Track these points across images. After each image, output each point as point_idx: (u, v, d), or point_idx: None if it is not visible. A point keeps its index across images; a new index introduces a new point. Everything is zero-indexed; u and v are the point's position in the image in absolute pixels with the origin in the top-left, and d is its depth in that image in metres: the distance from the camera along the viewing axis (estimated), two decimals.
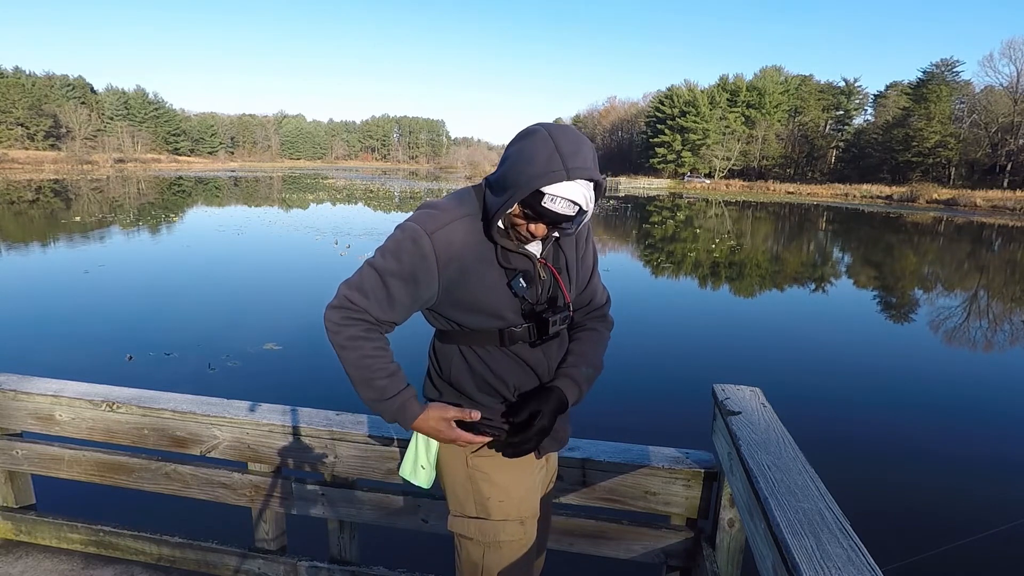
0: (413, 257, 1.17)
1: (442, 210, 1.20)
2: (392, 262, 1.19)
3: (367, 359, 1.20)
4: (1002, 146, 55.02)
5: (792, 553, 0.97)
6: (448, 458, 1.35)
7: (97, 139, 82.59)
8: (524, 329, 1.27)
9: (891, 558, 3.34)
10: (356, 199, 33.42)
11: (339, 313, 1.20)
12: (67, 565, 2.10)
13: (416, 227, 1.17)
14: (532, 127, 1.15)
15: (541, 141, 1.10)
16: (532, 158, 1.09)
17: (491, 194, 1.18)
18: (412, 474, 1.37)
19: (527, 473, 1.35)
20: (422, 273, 1.18)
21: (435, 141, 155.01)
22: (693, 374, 6.44)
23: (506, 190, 1.12)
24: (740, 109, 74.97)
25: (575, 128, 1.16)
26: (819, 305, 11.22)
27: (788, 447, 1.39)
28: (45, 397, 1.99)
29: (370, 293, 1.20)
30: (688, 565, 1.75)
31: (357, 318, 1.20)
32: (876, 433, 5.21)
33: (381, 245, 1.22)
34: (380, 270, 1.19)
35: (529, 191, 1.08)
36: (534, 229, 1.17)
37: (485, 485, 1.30)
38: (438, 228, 1.17)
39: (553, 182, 1.07)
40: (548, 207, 1.10)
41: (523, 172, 1.09)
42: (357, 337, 1.20)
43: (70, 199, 27.63)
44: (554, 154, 1.08)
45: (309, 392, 5.28)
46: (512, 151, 1.14)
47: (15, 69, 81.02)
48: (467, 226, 1.19)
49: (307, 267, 12.17)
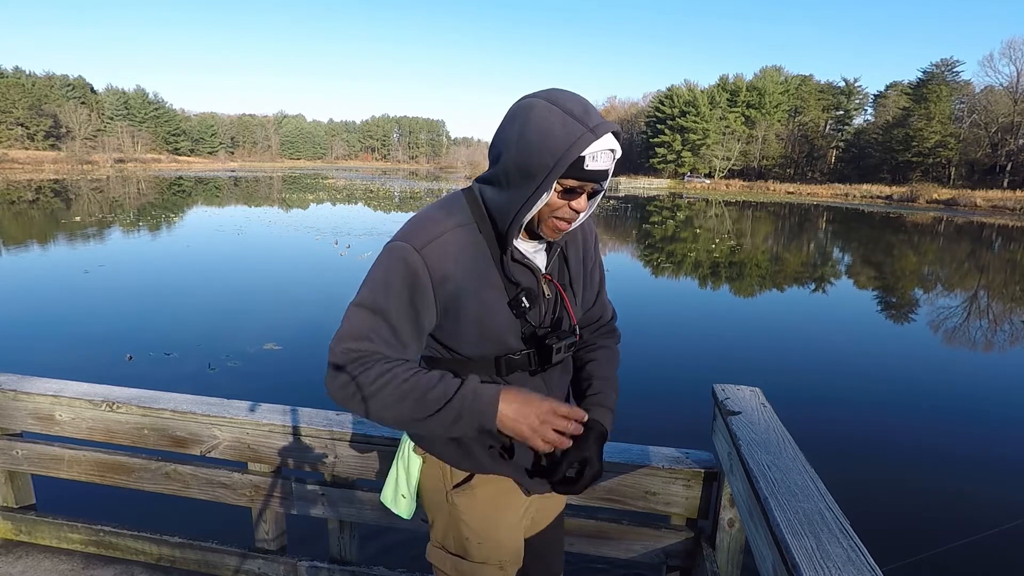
0: (404, 279, 1.02)
1: (430, 221, 1.05)
2: (382, 293, 1.02)
3: (406, 382, 0.99)
4: (1002, 146, 55.02)
5: (792, 553, 0.97)
6: (429, 491, 1.24)
7: (97, 139, 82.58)
8: (524, 356, 1.13)
9: (891, 558, 3.34)
10: (356, 199, 33.41)
11: (344, 371, 1.00)
12: (67, 565, 2.10)
13: (402, 244, 1.02)
14: (524, 102, 1.00)
15: (546, 111, 0.96)
16: (548, 133, 0.95)
17: (502, 191, 1.03)
18: (393, 502, 1.29)
19: (509, 514, 1.24)
20: (418, 296, 1.03)
21: (435, 141, 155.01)
22: (693, 374, 6.44)
23: (531, 178, 0.98)
24: (740, 109, 74.97)
25: (564, 88, 1.02)
26: (819, 305, 11.22)
27: (788, 447, 1.39)
28: (45, 397, 1.99)
29: (371, 335, 1.02)
30: (688, 565, 1.75)
31: (369, 361, 1.01)
32: (876, 433, 5.20)
33: (366, 276, 1.06)
34: (371, 306, 1.02)
35: (568, 163, 0.95)
36: (577, 204, 1.03)
37: (464, 526, 1.20)
38: (428, 242, 1.02)
39: (587, 144, 0.94)
40: (593, 168, 0.97)
41: (546, 150, 0.95)
42: (382, 373, 0.99)
43: (70, 199, 27.62)
44: (568, 119, 0.95)
45: (309, 392, 5.27)
46: (512, 134, 0.99)
47: (15, 69, 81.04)
48: (460, 238, 1.05)
49: (307, 267, 12.17)
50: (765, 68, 77.54)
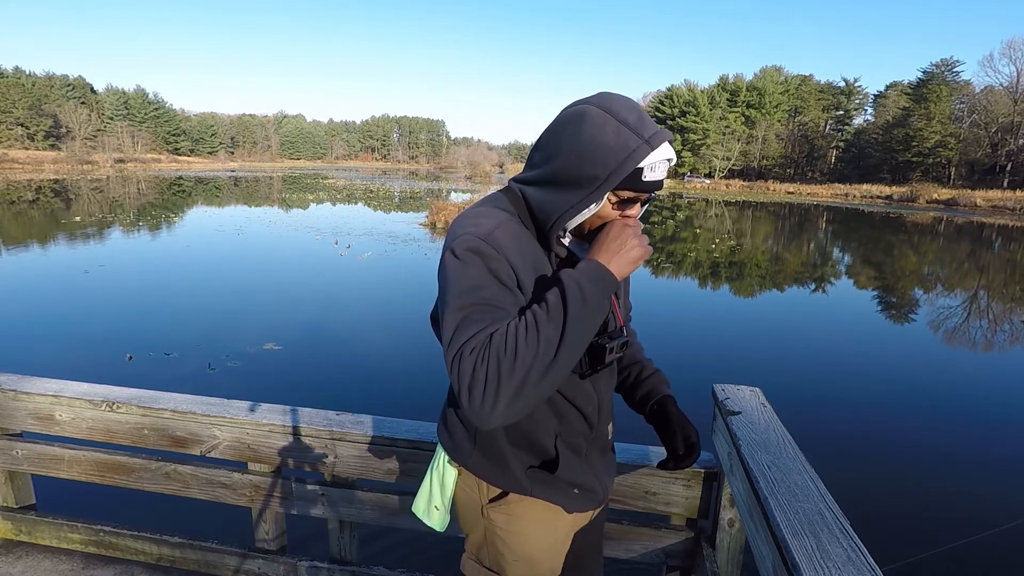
0: (484, 265, 0.96)
1: (481, 215, 1.02)
2: (469, 284, 0.95)
3: (521, 321, 0.91)
4: (1002, 146, 55.03)
5: (792, 553, 0.97)
6: (464, 505, 1.20)
7: (97, 139, 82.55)
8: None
9: (891, 558, 3.34)
10: (356, 199, 33.41)
11: (474, 364, 0.90)
12: (67, 565, 2.10)
13: (467, 236, 0.97)
14: (576, 108, 0.98)
15: (601, 120, 0.94)
16: (601, 144, 0.93)
17: (547, 192, 1.00)
18: (426, 514, 1.26)
19: (549, 534, 1.18)
20: (504, 275, 0.97)
21: (435, 141, 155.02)
22: (693, 374, 6.43)
23: (580, 186, 0.96)
24: (740, 109, 75.02)
25: (617, 93, 1.00)
26: (819, 305, 11.22)
27: (788, 447, 1.39)
28: (45, 397, 1.99)
29: (480, 323, 0.93)
30: (688, 565, 1.75)
31: (484, 339, 0.93)
32: (876, 433, 5.21)
33: (441, 286, 1.00)
34: (469, 301, 0.94)
35: (622, 176, 0.93)
36: (631, 213, 1.02)
37: (500, 542, 1.16)
38: (490, 231, 0.98)
39: (643, 157, 0.93)
40: (651, 179, 0.96)
41: (599, 161, 0.93)
42: (501, 336, 0.90)
43: (70, 199, 27.62)
44: (622, 130, 0.93)
45: (309, 392, 5.28)
46: (564, 142, 0.97)
47: (15, 69, 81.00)
48: (515, 229, 1.02)
49: (307, 267, 12.17)
50: (765, 68, 77.62)
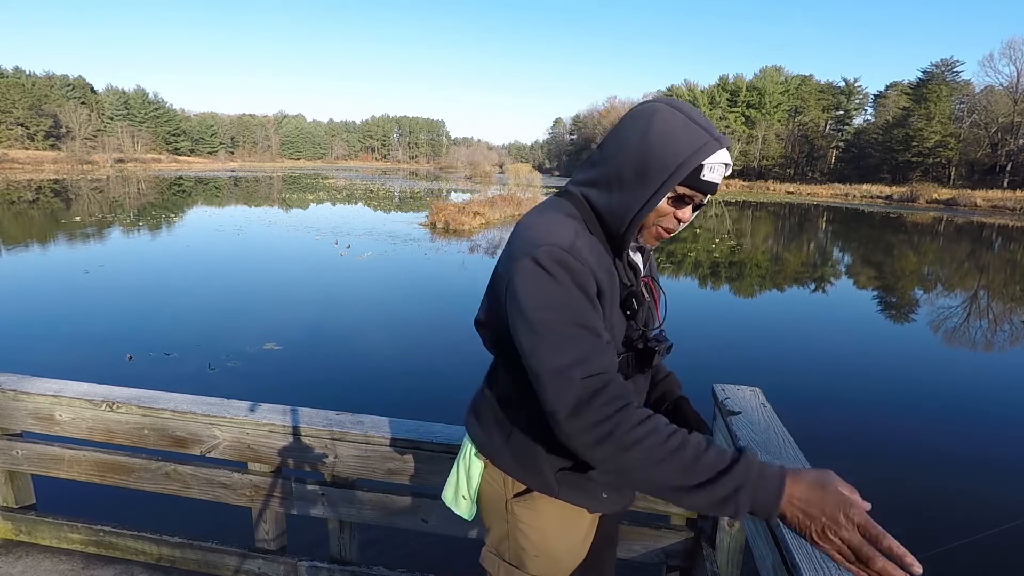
0: (573, 280, 0.94)
1: (556, 223, 0.99)
2: (564, 303, 0.92)
3: (671, 438, 0.85)
4: (1002, 146, 55.03)
5: (792, 553, 0.97)
6: (488, 498, 1.20)
7: (97, 139, 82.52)
8: (624, 359, 1.08)
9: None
10: (356, 199, 33.41)
11: (591, 406, 0.87)
12: (67, 565, 2.10)
13: (550, 247, 0.94)
14: (646, 106, 1.00)
15: (671, 115, 0.97)
16: (674, 136, 0.95)
17: (613, 193, 1.00)
18: (454, 502, 1.26)
19: (572, 532, 1.17)
20: (591, 292, 0.96)
21: (435, 141, 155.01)
22: (693, 374, 6.42)
23: (649, 180, 0.96)
24: (740, 109, 75.06)
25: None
26: (819, 305, 11.23)
27: (788, 447, 1.39)
28: (45, 397, 1.99)
29: (590, 354, 0.91)
30: (688, 565, 1.75)
31: (617, 396, 0.89)
32: (876, 433, 5.21)
33: (527, 298, 0.93)
34: (568, 322, 0.92)
35: (691, 168, 0.95)
36: (682, 214, 1.03)
37: (523, 537, 1.15)
38: (571, 241, 0.96)
39: (712, 152, 0.95)
40: (709, 179, 0.97)
41: (670, 152, 0.94)
42: (643, 419, 0.86)
43: (70, 199, 27.62)
44: (692, 125, 0.96)
45: (309, 392, 5.28)
46: (632, 136, 0.98)
47: (15, 69, 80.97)
48: (587, 238, 1.01)
49: (307, 267, 12.17)
50: (765, 68, 77.64)
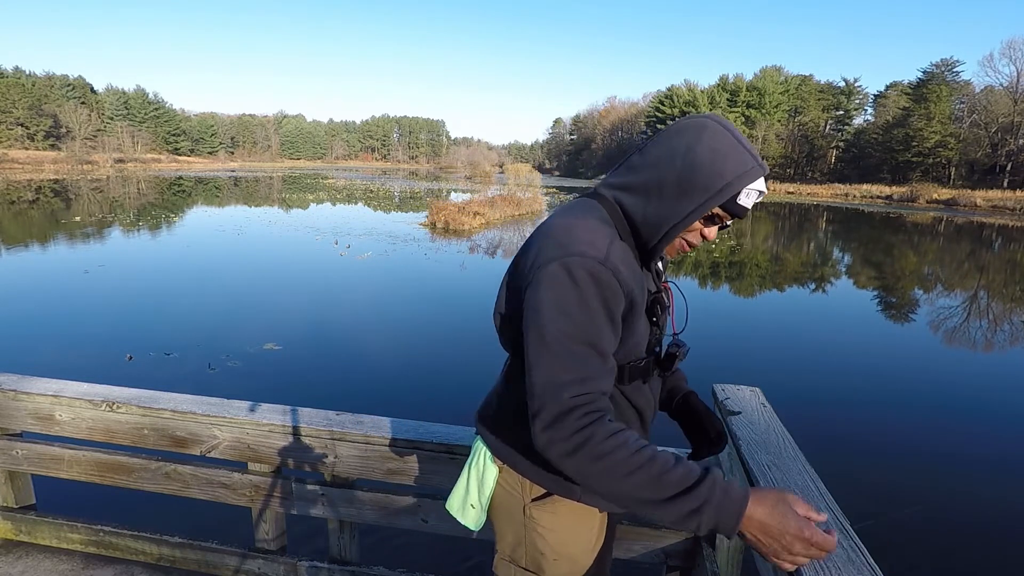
0: (601, 298, 0.93)
1: (592, 231, 0.98)
2: (584, 319, 0.92)
3: (640, 453, 0.88)
4: (1002, 146, 55.01)
5: None
6: (503, 504, 1.19)
7: (97, 139, 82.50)
8: (646, 363, 1.10)
9: (891, 558, 3.34)
10: (356, 199, 33.41)
11: (571, 417, 0.89)
12: (67, 565, 2.10)
13: (585, 259, 0.93)
14: (696, 120, 1.00)
15: (720, 134, 0.96)
16: (720, 155, 0.95)
17: (650, 202, 0.99)
18: (461, 512, 1.24)
19: (590, 532, 1.18)
20: (616, 312, 0.95)
21: (435, 141, 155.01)
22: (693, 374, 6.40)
23: (690, 196, 0.96)
24: (740, 109, 75.02)
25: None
26: (819, 305, 11.23)
27: (788, 447, 1.39)
28: (45, 397, 1.99)
29: (589, 371, 0.92)
30: (688, 565, 1.75)
31: (595, 409, 0.91)
32: (876, 433, 5.21)
33: (549, 303, 0.93)
34: (579, 338, 0.92)
35: (734, 192, 0.95)
36: (708, 233, 1.05)
37: (541, 540, 1.15)
38: (607, 251, 0.95)
39: (756, 178, 0.96)
40: (743, 203, 0.97)
41: (715, 171, 0.94)
42: (615, 431, 0.89)
43: (70, 199, 27.62)
44: (739, 147, 0.96)
45: (309, 392, 5.28)
46: (678, 149, 0.97)
47: (15, 69, 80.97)
48: (619, 245, 1.00)
49: (307, 267, 12.18)
50: (765, 68, 77.60)
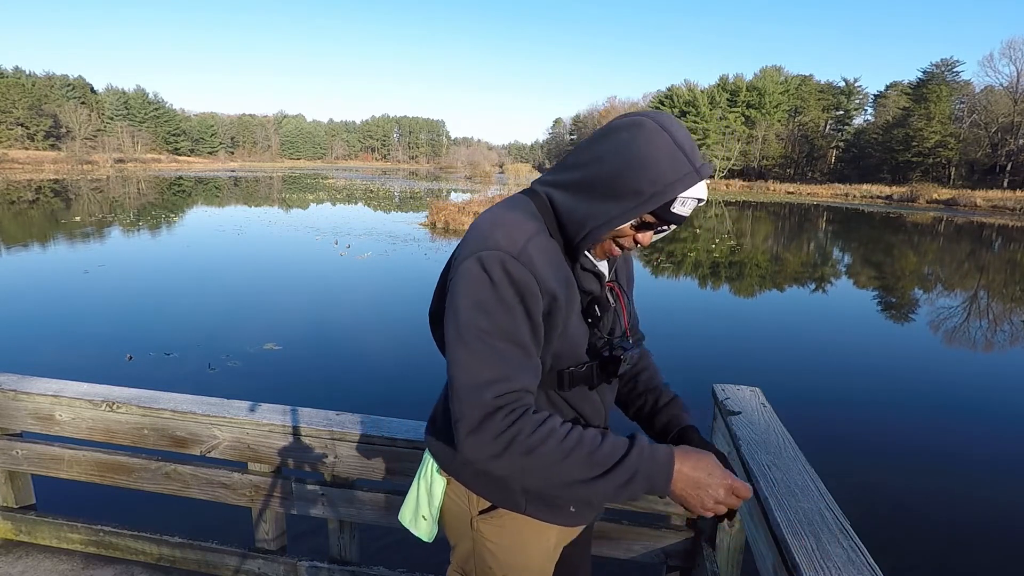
0: (515, 291, 0.90)
1: (512, 225, 0.94)
2: (499, 312, 0.89)
3: (568, 437, 0.88)
4: (1002, 146, 55.03)
5: (792, 553, 0.97)
6: (452, 516, 1.16)
7: (97, 139, 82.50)
8: (588, 368, 1.04)
9: (891, 558, 3.34)
10: (356, 199, 33.40)
11: (492, 423, 0.86)
12: (67, 565, 2.10)
13: (497, 252, 0.90)
14: (634, 118, 0.93)
15: (656, 136, 0.89)
16: (654, 159, 0.88)
17: (579, 200, 0.94)
18: (412, 523, 1.22)
19: (540, 545, 1.14)
20: (534, 307, 0.92)
21: (435, 141, 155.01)
22: (693, 374, 6.43)
23: (619, 198, 0.90)
24: (740, 109, 75.03)
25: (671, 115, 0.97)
26: (819, 305, 11.22)
27: (788, 447, 1.39)
28: (45, 397, 1.99)
29: (509, 367, 0.89)
30: (688, 565, 1.75)
31: (519, 407, 0.89)
32: (877, 433, 5.21)
33: (462, 301, 0.91)
34: (496, 332, 0.89)
35: (665, 200, 0.89)
36: (642, 238, 0.97)
37: (489, 555, 1.12)
38: (523, 246, 0.92)
39: (689, 186, 0.89)
40: (678, 212, 0.91)
41: (646, 176, 0.88)
42: (540, 422, 0.88)
43: (70, 199, 27.61)
44: (677, 152, 0.89)
45: (309, 392, 5.28)
46: (611, 148, 0.91)
47: (15, 69, 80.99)
48: (544, 242, 0.96)
49: (307, 267, 12.17)
50: (765, 68, 77.58)
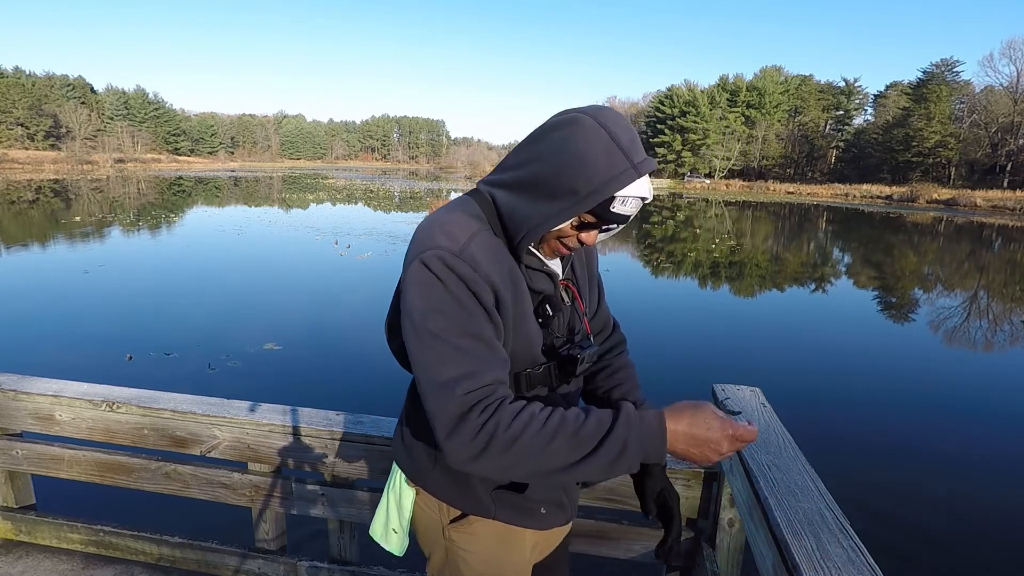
0: (463, 286, 0.88)
1: (453, 224, 0.93)
2: (454, 309, 0.88)
3: (550, 419, 0.85)
4: (1002, 146, 55.05)
5: (792, 553, 0.97)
6: (424, 526, 1.13)
7: (97, 139, 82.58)
8: (545, 370, 1.03)
9: (891, 558, 3.34)
10: (356, 199, 33.40)
11: (468, 421, 0.84)
12: (67, 565, 2.10)
13: (439, 252, 0.89)
14: (571, 114, 0.91)
15: (593, 133, 0.87)
16: (590, 157, 0.86)
17: (520, 199, 0.93)
18: (383, 537, 1.19)
19: (515, 551, 1.12)
20: (486, 299, 0.90)
21: (435, 141, 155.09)
22: (693, 374, 6.44)
23: (556, 198, 0.89)
24: (740, 109, 75.02)
25: (613, 108, 0.94)
26: (819, 305, 11.22)
27: (788, 447, 1.39)
28: (45, 397, 1.99)
29: (476, 363, 0.87)
30: (688, 565, 1.75)
31: (494, 400, 0.86)
32: (877, 433, 5.20)
33: (415, 305, 0.89)
34: (454, 330, 0.87)
35: (602, 199, 0.86)
36: (585, 238, 0.96)
37: (464, 564, 1.10)
38: (464, 244, 0.90)
39: (627, 184, 0.87)
40: (619, 211, 0.89)
41: (582, 175, 0.86)
42: (517, 411, 0.85)
43: (70, 199, 27.61)
44: (614, 149, 0.86)
45: (309, 392, 5.28)
46: (549, 147, 0.89)
47: (15, 69, 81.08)
48: (488, 240, 0.94)
49: (307, 267, 12.17)
50: (765, 68, 77.62)
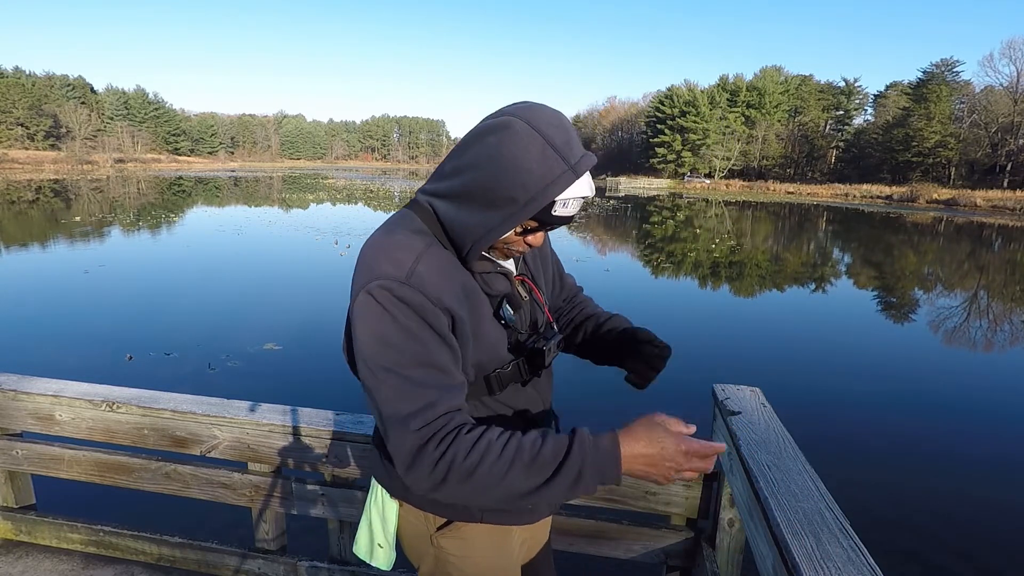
0: (412, 315, 0.87)
1: (395, 247, 0.90)
2: (403, 340, 0.87)
3: (507, 446, 0.85)
4: (1002, 146, 55.06)
5: (792, 553, 0.97)
6: (410, 537, 1.13)
7: (97, 139, 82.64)
8: (514, 367, 1.03)
9: (891, 558, 3.34)
10: (356, 199, 33.40)
11: (425, 455, 0.84)
12: (67, 565, 2.10)
13: (383, 282, 0.87)
14: (502, 117, 0.87)
15: (524, 138, 0.84)
16: (525, 164, 0.84)
17: (460, 210, 0.90)
18: (369, 554, 1.16)
19: (504, 552, 1.13)
20: (439, 324, 0.89)
21: (435, 141, 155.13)
22: (693, 374, 6.42)
23: (495, 207, 0.87)
24: (740, 109, 75.05)
25: (546, 105, 0.91)
26: (819, 305, 11.22)
27: (788, 447, 1.39)
28: (45, 397, 1.99)
29: (429, 392, 0.87)
30: (688, 565, 1.75)
31: (450, 430, 0.86)
32: (876, 433, 5.20)
33: (360, 338, 0.88)
34: (406, 361, 0.87)
35: (542, 205, 0.85)
36: (533, 240, 0.95)
37: (453, 570, 1.10)
38: (409, 270, 0.88)
39: (565, 187, 0.85)
40: (561, 214, 0.88)
41: (518, 183, 0.84)
42: (474, 440, 0.85)
43: (70, 199, 27.61)
44: (548, 152, 0.84)
45: (309, 392, 5.28)
46: (483, 153, 0.86)
47: (15, 69, 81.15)
48: (436, 256, 0.92)
49: (307, 267, 12.17)
50: (765, 68, 77.65)
